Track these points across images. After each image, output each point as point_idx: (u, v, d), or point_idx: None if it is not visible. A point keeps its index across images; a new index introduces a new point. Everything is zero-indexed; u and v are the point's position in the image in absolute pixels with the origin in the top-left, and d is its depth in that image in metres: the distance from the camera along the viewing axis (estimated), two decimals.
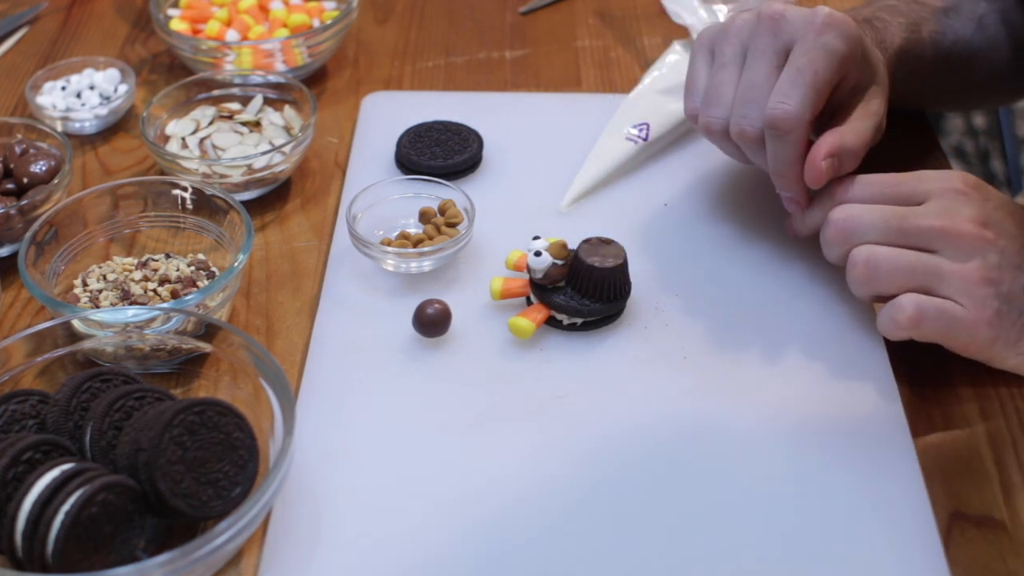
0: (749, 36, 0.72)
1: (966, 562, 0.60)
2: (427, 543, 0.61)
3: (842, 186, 0.70)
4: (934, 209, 0.66)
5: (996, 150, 2.05)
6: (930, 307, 0.65)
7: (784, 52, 0.71)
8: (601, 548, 0.61)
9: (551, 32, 1.05)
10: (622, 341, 0.72)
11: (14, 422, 0.62)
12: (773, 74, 0.71)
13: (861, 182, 0.69)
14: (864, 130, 0.72)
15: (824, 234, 0.69)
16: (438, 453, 0.66)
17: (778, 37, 0.71)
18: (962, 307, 0.64)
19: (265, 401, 0.63)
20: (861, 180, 0.69)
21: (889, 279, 0.66)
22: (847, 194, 0.69)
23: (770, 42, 0.71)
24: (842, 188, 0.70)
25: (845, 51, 0.70)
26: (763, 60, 0.71)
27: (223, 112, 0.88)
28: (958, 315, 0.64)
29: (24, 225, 0.77)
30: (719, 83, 0.73)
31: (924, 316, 0.65)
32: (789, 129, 0.69)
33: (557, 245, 0.72)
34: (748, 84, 0.71)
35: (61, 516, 0.54)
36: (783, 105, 0.69)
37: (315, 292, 0.77)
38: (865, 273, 0.66)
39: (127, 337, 0.68)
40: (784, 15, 0.71)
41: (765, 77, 0.71)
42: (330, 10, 1.01)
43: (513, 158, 0.87)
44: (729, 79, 0.73)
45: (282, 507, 0.63)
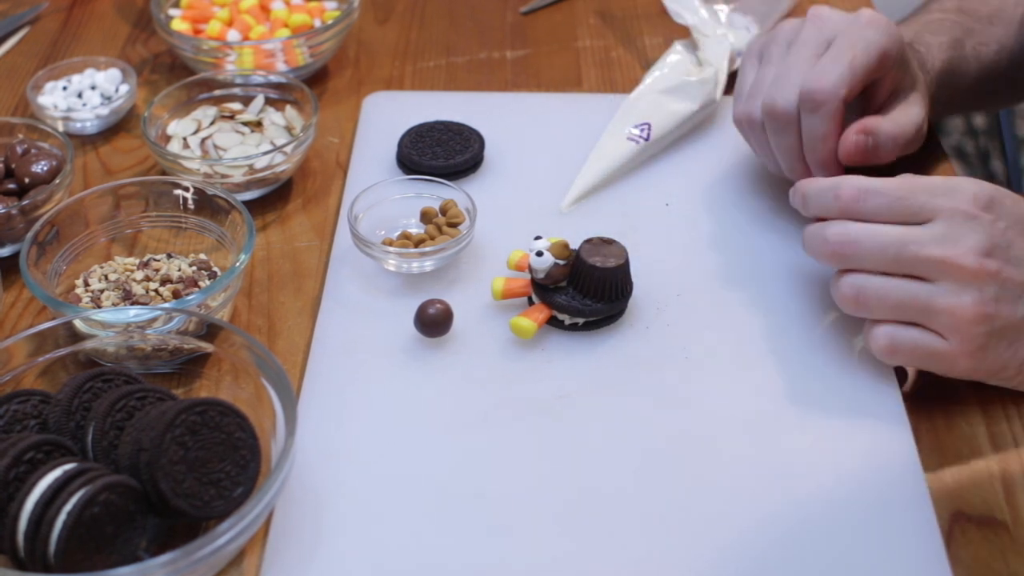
0: (794, 34, 0.75)
1: (968, 562, 0.60)
2: (428, 543, 0.61)
3: (855, 190, 0.65)
4: (937, 234, 0.63)
5: (996, 150, 2.05)
6: (905, 341, 0.64)
7: (826, 44, 0.73)
8: (601, 548, 0.61)
9: (552, 32, 1.05)
10: (624, 341, 0.72)
11: (16, 422, 0.62)
12: (812, 59, 0.72)
13: (873, 190, 0.65)
14: (904, 123, 0.72)
15: (820, 247, 0.66)
16: (440, 453, 0.66)
17: (822, 31, 0.74)
18: (945, 341, 0.63)
19: (267, 401, 0.63)
20: (873, 188, 0.65)
21: (878, 311, 0.65)
22: (857, 203, 0.65)
23: (814, 34, 0.74)
24: (854, 193, 0.65)
25: (885, 44, 0.72)
26: (805, 48, 0.73)
27: (224, 112, 0.88)
28: (937, 349, 0.64)
29: (25, 225, 0.77)
30: (762, 77, 0.76)
31: (897, 350, 0.65)
32: (823, 101, 0.70)
33: (559, 245, 0.72)
34: (786, 67, 0.73)
35: (63, 516, 0.54)
36: (819, 78, 0.71)
37: (317, 292, 0.77)
38: (853, 304, 0.66)
39: (129, 337, 0.68)
40: (829, 15, 0.75)
41: (805, 60, 0.73)
42: (331, 10, 1.01)
43: (514, 158, 0.87)
44: (771, 71, 0.75)
45: (284, 507, 0.63)
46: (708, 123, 0.90)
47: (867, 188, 0.65)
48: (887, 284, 0.64)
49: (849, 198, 0.65)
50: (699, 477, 0.64)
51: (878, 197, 0.65)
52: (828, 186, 0.67)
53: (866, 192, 0.65)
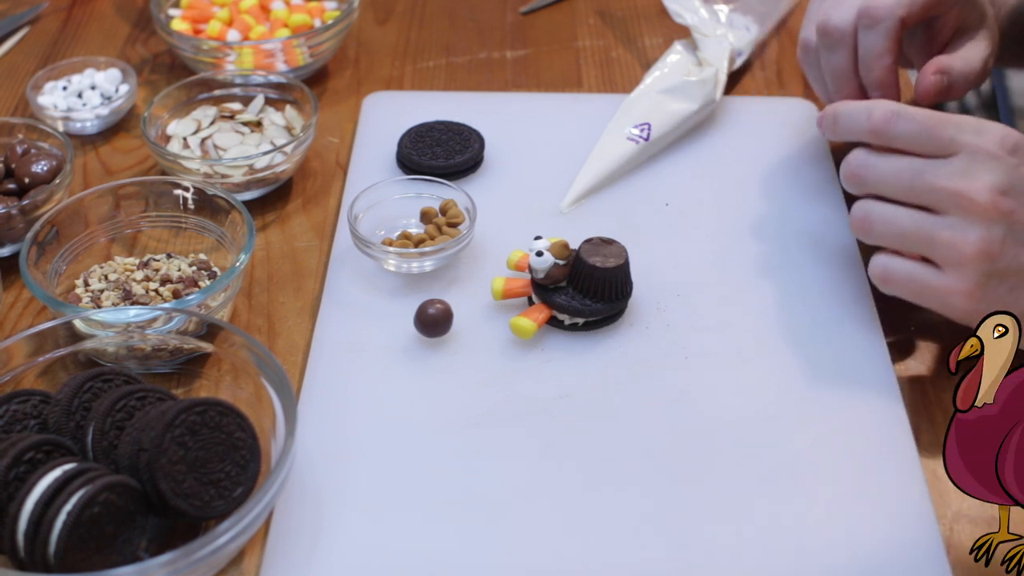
0: None
1: (968, 562, 0.60)
2: (428, 543, 0.61)
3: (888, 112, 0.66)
4: (957, 168, 0.63)
5: None
6: (900, 270, 0.65)
7: None
8: (602, 547, 0.61)
9: (552, 32, 1.05)
10: (623, 341, 0.72)
11: (16, 422, 0.62)
12: None
13: (905, 115, 0.65)
14: (973, 60, 0.72)
15: (843, 172, 0.68)
16: (440, 453, 0.66)
17: None
18: (941, 274, 0.63)
19: (267, 401, 0.63)
20: (906, 113, 0.65)
21: (883, 238, 0.66)
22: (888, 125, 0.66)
23: None
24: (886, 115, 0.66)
25: None
26: None
27: (224, 112, 0.88)
28: (931, 283, 0.64)
29: (25, 225, 0.77)
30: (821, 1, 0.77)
31: (891, 278, 0.65)
32: (881, 17, 0.71)
33: (559, 245, 0.72)
34: None
35: (63, 516, 0.54)
36: None
37: (316, 292, 0.77)
38: (861, 229, 0.67)
39: (128, 337, 0.68)
40: None
41: None
42: (331, 10, 1.01)
43: (514, 158, 0.87)
44: None
45: (284, 507, 0.63)
46: (708, 123, 0.90)
47: (900, 112, 0.66)
48: (895, 210, 0.65)
49: (881, 119, 0.66)
50: (699, 476, 0.64)
51: (909, 123, 0.65)
52: (862, 107, 0.67)
53: (898, 116, 0.65)
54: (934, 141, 0.64)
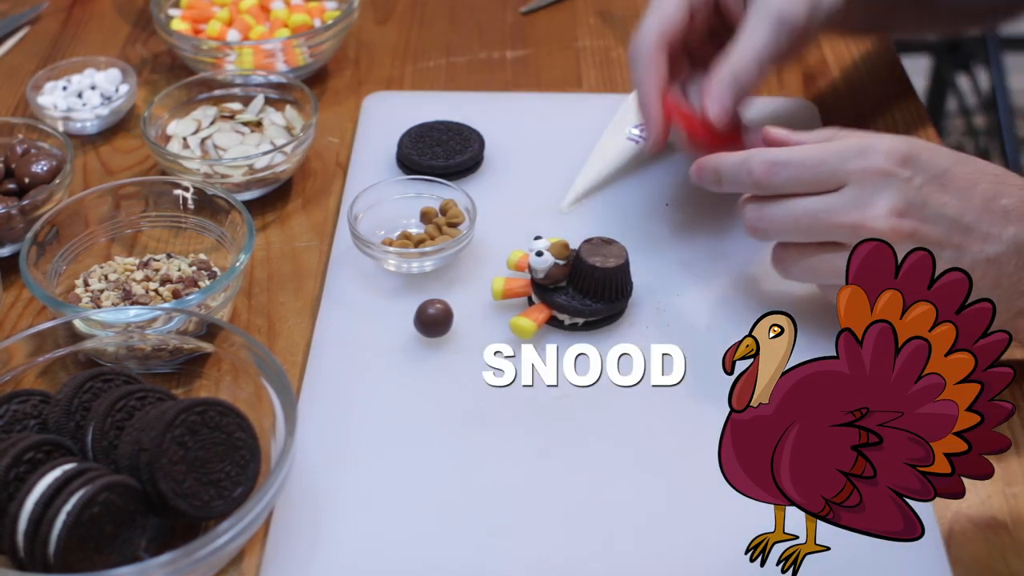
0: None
1: (968, 562, 0.60)
2: (428, 543, 0.61)
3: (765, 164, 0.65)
4: (849, 200, 0.63)
5: (996, 150, 2.05)
6: None
7: None
8: (602, 547, 0.61)
9: (552, 32, 1.05)
10: (624, 341, 0.72)
11: (15, 422, 0.62)
12: None
13: (782, 162, 0.65)
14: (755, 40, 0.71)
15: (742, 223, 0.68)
16: (439, 453, 0.66)
17: None
18: None
19: (267, 401, 0.63)
20: (782, 160, 0.65)
21: (801, 276, 0.68)
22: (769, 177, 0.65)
23: None
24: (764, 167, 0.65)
25: None
26: None
27: (224, 112, 0.88)
28: None
29: (25, 225, 0.77)
30: None
31: None
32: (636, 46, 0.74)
33: (559, 245, 0.72)
34: None
35: (63, 516, 0.54)
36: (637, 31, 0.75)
37: (316, 292, 0.77)
38: (780, 270, 0.69)
39: (128, 337, 0.68)
40: None
41: None
42: (331, 10, 1.01)
43: (514, 158, 0.87)
44: None
45: (284, 507, 0.63)
46: None
47: (776, 161, 0.65)
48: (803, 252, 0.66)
49: (761, 173, 0.65)
50: (700, 477, 0.64)
51: (788, 169, 0.64)
52: (739, 161, 0.67)
53: (775, 165, 0.65)
54: (820, 179, 0.64)
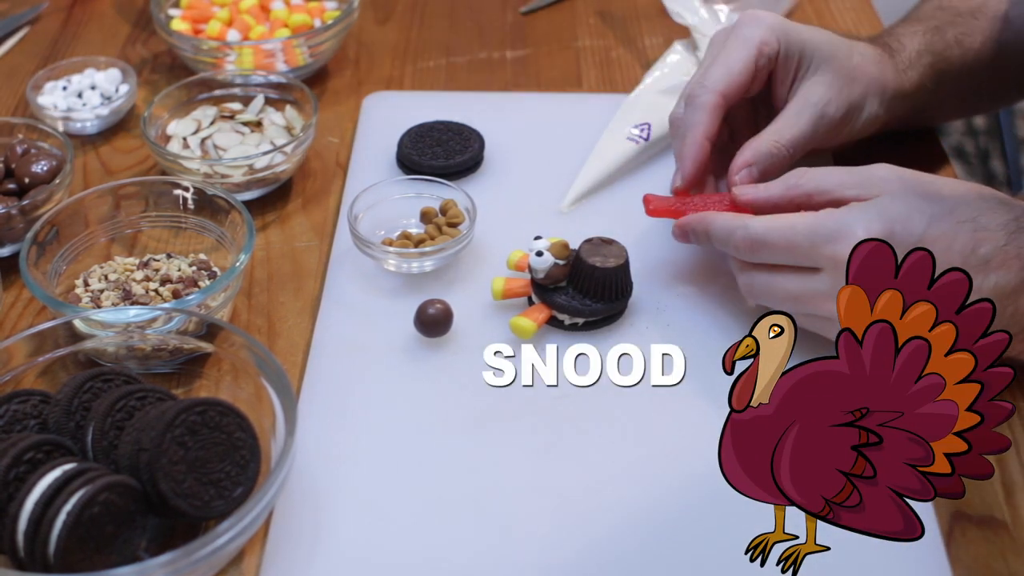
0: None
1: (967, 562, 0.60)
2: (428, 542, 0.61)
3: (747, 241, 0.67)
4: (825, 286, 0.65)
5: (996, 150, 2.05)
6: None
7: None
8: (602, 547, 0.61)
9: (552, 32, 1.05)
10: (623, 341, 0.72)
11: (16, 422, 0.62)
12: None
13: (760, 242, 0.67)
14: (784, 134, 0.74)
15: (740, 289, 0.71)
16: (439, 453, 0.66)
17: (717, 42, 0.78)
18: None
19: (267, 401, 0.63)
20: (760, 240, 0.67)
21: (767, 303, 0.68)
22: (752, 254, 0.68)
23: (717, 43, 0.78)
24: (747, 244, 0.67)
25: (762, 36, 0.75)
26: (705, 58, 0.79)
27: (224, 112, 0.88)
28: None
29: (25, 225, 0.77)
30: None
31: None
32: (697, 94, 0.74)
33: (559, 245, 0.72)
34: None
35: (63, 516, 0.54)
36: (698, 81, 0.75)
37: (316, 292, 0.77)
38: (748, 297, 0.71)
39: (128, 337, 0.68)
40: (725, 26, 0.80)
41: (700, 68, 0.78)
42: (331, 10, 1.01)
43: (514, 158, 0.87)
44: None
45: (284, 507, 0.63)
46: None
47: (756, 240, 0.67)
48: None
49: (744, 248, 0.68)
50: (700, 477, 0.64)
51: (767, 249, 0.67)
52: (727, 231, 0.69)
53: (756, 244, 0.67)
54: (797, 260, 0.66)
